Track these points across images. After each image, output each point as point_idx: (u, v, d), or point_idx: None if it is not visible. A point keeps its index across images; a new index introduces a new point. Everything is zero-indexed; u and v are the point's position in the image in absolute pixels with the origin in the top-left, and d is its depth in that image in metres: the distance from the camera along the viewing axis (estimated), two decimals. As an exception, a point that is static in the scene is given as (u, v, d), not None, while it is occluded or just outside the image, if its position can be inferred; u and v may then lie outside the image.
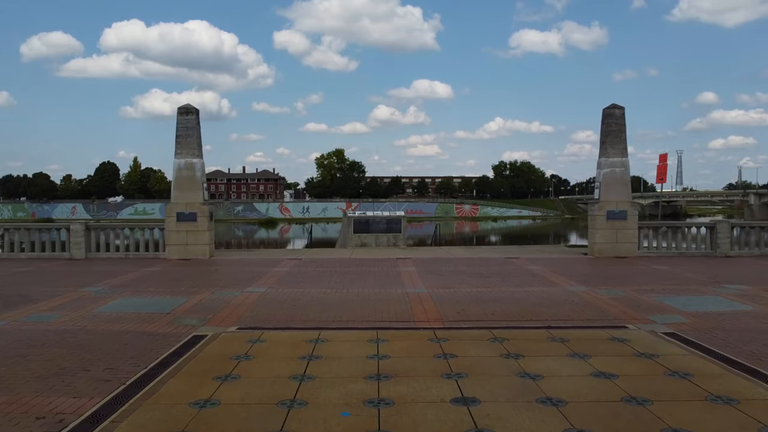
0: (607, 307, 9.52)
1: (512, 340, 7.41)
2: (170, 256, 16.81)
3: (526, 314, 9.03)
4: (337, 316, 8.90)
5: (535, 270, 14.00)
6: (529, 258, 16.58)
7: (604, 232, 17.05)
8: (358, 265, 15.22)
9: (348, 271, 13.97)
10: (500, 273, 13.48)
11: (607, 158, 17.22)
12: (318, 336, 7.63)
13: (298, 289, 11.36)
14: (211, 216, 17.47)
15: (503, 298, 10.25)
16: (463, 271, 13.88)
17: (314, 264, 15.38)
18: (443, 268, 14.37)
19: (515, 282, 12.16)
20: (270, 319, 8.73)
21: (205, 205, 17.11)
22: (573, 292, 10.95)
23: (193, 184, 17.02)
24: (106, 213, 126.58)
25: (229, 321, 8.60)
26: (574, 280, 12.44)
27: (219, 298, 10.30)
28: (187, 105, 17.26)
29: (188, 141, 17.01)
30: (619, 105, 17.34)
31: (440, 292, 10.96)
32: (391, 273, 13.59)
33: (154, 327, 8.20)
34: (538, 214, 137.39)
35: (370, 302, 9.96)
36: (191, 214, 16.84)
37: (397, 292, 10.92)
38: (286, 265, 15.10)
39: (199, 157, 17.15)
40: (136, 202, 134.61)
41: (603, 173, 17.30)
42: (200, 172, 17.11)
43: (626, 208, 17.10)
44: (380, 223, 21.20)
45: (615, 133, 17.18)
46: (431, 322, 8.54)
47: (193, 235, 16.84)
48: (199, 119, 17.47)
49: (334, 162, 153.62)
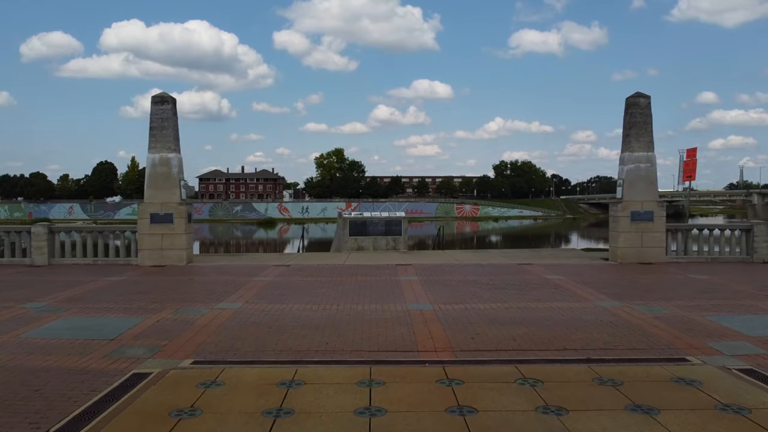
0: (653, 330, 7.75)
1: (547, 382, 5.65)
2: (143, 262, 15.04)
3: (556, 340, 7.26)
4: (322, 344, 7.14)
5: (555, 280, 12.23)
6: (545, 265, 14.80)
7: (628, 236, 15.27)
8: (352, 273, 13.46)
9: (340, 281, 12.21)
10: (516, 283, 11.71)
11: (631, 153, 15.43)
12: (294, 375, 5.87)
13: (279, 304, 9.59)
14: (190, 217, 15.70)
15: (525, 318, 8.47)
16: (472, 281, 12.11)
17: (303, 272, 13.61)
18: (449, 277, 12.60)
19: (535, 295, 10.38)
20: (237, 348, 6.96)
21: (183, 205, 15.33)
22: (606, 309, 9.17)
23: (169, 182, 15.24)
24: (103, 213, 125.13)
25: (185, 351, 6.83)
26: (602, 292, 10.67)
27: (182, 318, 8.53)
28: (162, 93, 15.47)
29: (164, 133, 15.21)
30: (645, 93, 15.58)
31: (448, 309, 9.19)
32: (390, 283, 11.83)
33: (87, 361, 6.43)
34: (539, 214, 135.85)
35: (363, 323, 8.20)
36: (167, 216, 15.06)
37: (396, 309, 9.15)
38: (270, 273, 13.33)
39: (175, 152, 15.36)
40: (134, 201, 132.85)
41: (626, 170, 15.51)
42: (177, 169, 15.33)
43: (653, 208, 15.32)
44: (379, 224, 19.40)
45: (640, 124, 15.40)
46: (439, 353, 6.78)
47: (169, 238, 15.06)
48: (176, 109, 15.69)
49: (333, 162, 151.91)
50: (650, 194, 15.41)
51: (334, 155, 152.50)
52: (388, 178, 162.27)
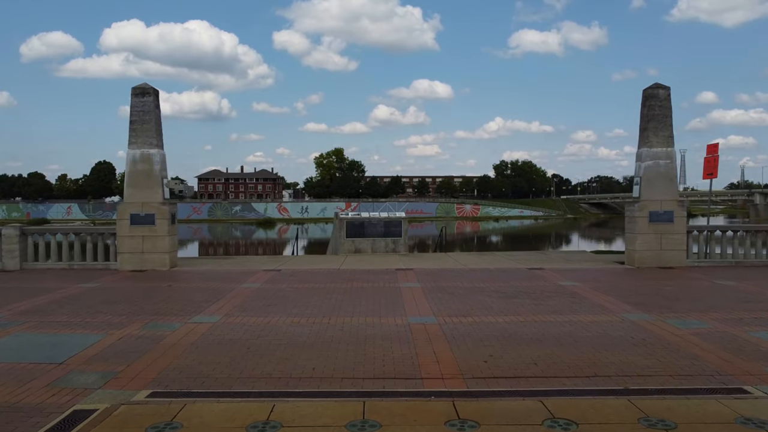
0: (696, 351, 6.65)
1: (582, 424, 4.54)
2: (122, 266, 13.93)
3: (584, 364, 6.15)
4: (308, 369, 6.03)
5: (571, 287, 11.11)
6: (558, 269, 13.69)
7: (646, 237, 14.15)
8: (348, 279, 12.35)
9: (334, 288, 11.10)
10: (529, 291, 10.59)
11: (650, 148, 14.31)
12: (269, 413, 4.77)
13: (263, 317, 8.48)
14: (173, 218, 14.58)
15: (544, 335, 7.37)
16: (480, 288, 11.00)
17: (294, 278, 12.50)
18: (454, 284, 11.49)
19: (552, 306, 9.27)
20: (206, 375, 5.85)
21: (165, 205, 14.22)
22: (634, 323, 8.06)
23: (150, 180, 14.13)
24: (102, 213, 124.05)
25: (143, 378, 5.73)
26: (626, 302, 9.56)
27: (149, 335, 7.42)
28: (143, 85, 14.34)
29: (145, 128, 14.10)
30: (664, 84, 14.45)
31: (455, 322, 8.08)
32: (389, 291, 10.72)
33: (23, 393, 5.33)
34: (540, 214, 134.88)
35: (358, 341, 7.09)
36: (148, 216, 13.95)
37: (396, 324, 8.05)
38: (258, 280, 12.22)
39: (157, 147, 14.24)
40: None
41: (644, 167, 14.38)
42: (159, 165, 14.21)
43: (673, 208, 14.20)
44: (377, 225, 18.28)
45: (659, 118, 14.28)
46: (447, 380, 5.68)
47: (151, 241, 13.95)
48: (158, 102, 14.58)
49: (333, 161, 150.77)
50: (670, 193, 14.30)
51: (334, 155, 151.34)
52: (388, 178, 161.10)
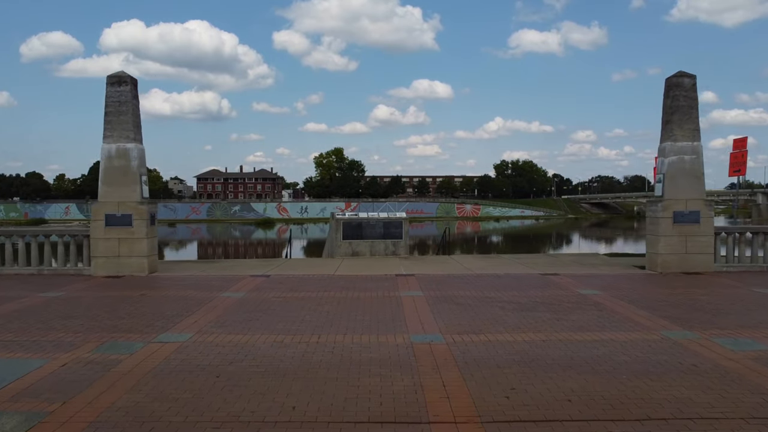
0: (764, 382, 5.43)
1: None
2: (96, 272, 12.71)
3: (630, 401, 4.93)
4: (286, 409, 4.81)
5: (593, 296, 9.89)
6: (573, 275, 12.47)
7: (670, 240, 12.94)
8: (343, 287, 11.13)
9: (327, 298, 9.87)
10: (546, 302, 9.37)
11: (674, 143, 13.08)
12: (228, 482, 3.55)
13: (241, 335, 7.26)
14: (153, 219, 13.35)
15: (574, 359, 6.14)
16: (490, 298, 9.77)
17: (283, 286, 11.28)
18: (461, 293, 10.27)
19: (576, 320, 8.05)
20: (158, 418, 4.64)
21: (144, 204, 13.00)
22: (678, 343, 6.84)
23: (127, 177, 12.91)
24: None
25: (77, 424, 4.51)
26: (661, 315, 8.34)
27: (102, 359, 6.20)
28: (119, 73, 13.10)
29: (121, 120, 12.87)
30: (689, 73, 13.22)
31: (465, 342, 6.86)
32: (389, 302, 9.50)
33: None
34: (541, 214, 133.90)
35: (351, 368, 5.87)
36: (125, 217, 12.73)
37: (396, 344, 6.83)
38: (243, 287, 10.99)
39: (135, 141, 13.01)
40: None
41: (668, 162, 13.16)
42: (137, 161, 12.98)
43: (699, 208, 12.99)
44: (376, 226, 17.05)
45: (684, 109, 13.05)
46: (461, 425, 4.47)
47: (128, 244, 12.73)
48: (136, 92, 13.35)
49: (333, 161, 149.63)
50: (696, 191, 13.08)
51: (334, 155, 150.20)
52: (388, 178, 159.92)
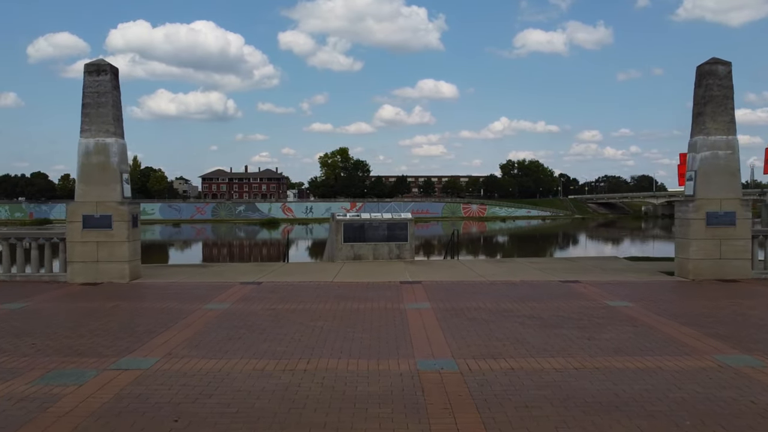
0: None
1: None
2: (73, 278, 11.63)
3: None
4: (256, 471, 3.68)
5: (624, 309, 8.71)
6: (596, 283, 11.29)
7: (703, 244, 11.73)
8: (341, 296, 9.98)
9: (322, 311, 8.73)
10: (572, 316, 8.19)
11: (707, 136, 11.88)
12: None
13: (216, 360, 6.12)
14: (135, 220, 12.26)
15: (620, 396, 4.96)
16: (508, 311, 8.61)
17: (274, 295, 10.14)
18: (474, 304, 9.10)
19: (611, 340, 6.87)
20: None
21: (125, 205, 11.91)
22: (740, 372, 5.65)
23: (106, 175, 11.81)
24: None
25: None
26: (709, 334, 7.14)
27: (41, 393, 5.08)
28: (98, 61, 12.00)
29: (100, 112, 11.77)
30: (723, 59, 12.02)
31: (483, 370, 5.70)
32: (392, 315, 8.35)
33: None
34: (548, 214, 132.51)
35: (343, 408, 4.73)
36: (104, 218, 11.64)
37: (400, 372, 5.68)
38: (230, 297, 9.87)
39: (115, 136, 11.89)
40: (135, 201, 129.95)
41: (700, 158, 11.95)
42: (118, 158, 11.88)
43: (735, 208, 11.78)
44: (380, 228, 15.89)
45: (718, 99, 11.85)
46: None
47: (107, 248, 11.64)
48: (117, 82, 12.25)
49: (338, 161, 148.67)
50: (731, 190, 11.86)
51: (339, 154, 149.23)
52: (393, 178, 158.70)
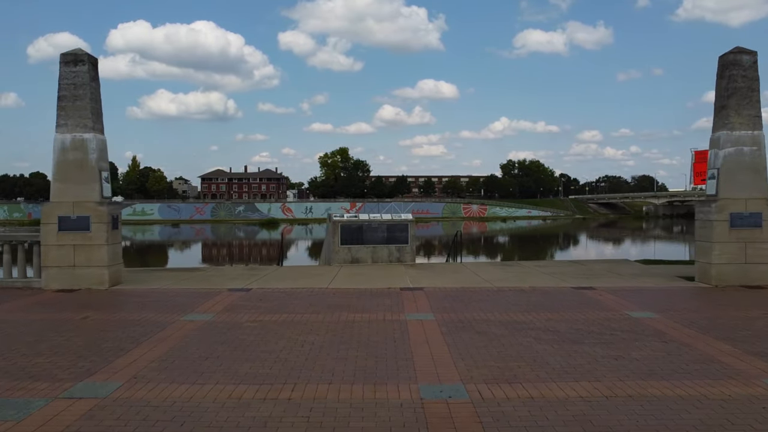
0: None
1: None
2: (48, 284, 10.78)
3: None
4: None
5: (649, 321, 7.86)
6: (612, 289, 10.45)
7: (726, 248, 10.89)
8: (335, 305, 9.13)
9: (314, 323, 7.88)
10: (593, 329, 7.34)
11: (730, 131, 11.04)
12: None
13: (187, 385, 5.27)
14: (115, 222, 11.39)
15: (664, 436, 4.13)
16: (520, 323, 7.75)
17: (263, 304, 9.29)
18: (483, 315, 8.26)
19: (640, 359, 6.02)
20: None
21: (104, 205, 11.05)
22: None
23: (84, 173, 10.96)
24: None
25: None
26: (747, 350, 6.28)
27: (-28, 430, 4.26)
28: (76, 50, 11.13)
29: (77, 105, 10.92)
30: (748, 49, 11.19)
31: (498, 399, 4.86)
32: (391, 328, 7.50)
33: None
34: (549, 215, 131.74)
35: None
36: (81, 220, 10.78)
37: (400, 402, 4.83)
38: (215, 306, 9.02)
39: (94, 131, 11.04)
40: (134, 202, 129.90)
41: (723, 155, 11.11)
42: (96, 154, 11.02)
43: (761, 209, 10.93)
44: (379, 230, 15.05)
45: (743, 91, 11.02)
46: None
47: (85, 251, 10.79)
48: (96, 73, 11.39)
49: (338, 161, 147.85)
50: (757, 189, 11.01)
51: (339, 154, 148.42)
52: (394, 178, 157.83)
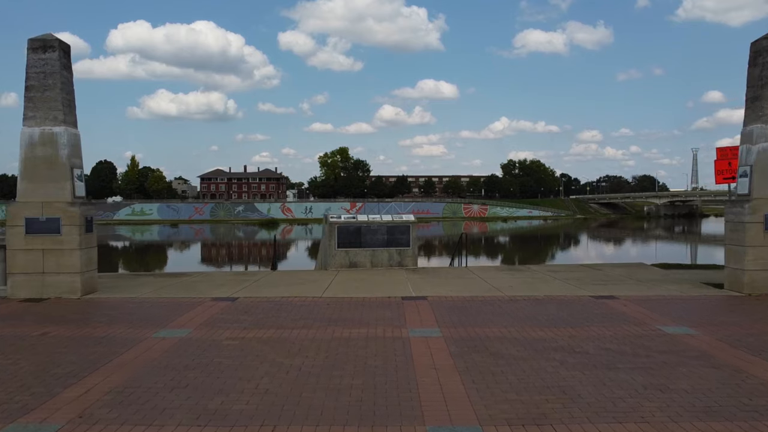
0: None
1: None
2: (15, 293, 9.78)
3: None
4: None
5: (686, 337, 6.86)
6: (637, 299, 9.45)
7: (761, 252, 9.88)
8: (329, 319, 8.12)
9: (303, 339, 6.88)
10: (625, 348, 6.34)
11: (766, 124, 10.05)
12: None
13: (142, 427, 4.29)
14: (89, 224, 10.39)
15: None
16: (541, 341, 6.74)
17: (248, 317, 8.27)
18: (496, 331, 7.25)
19: (692, 391, 5.03)
20: None
21: (76, 206, 10.05)
22: None
23: (54, 170, 9.95)
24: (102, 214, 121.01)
25: None
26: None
27: None
28: (45, 36, 10.12)
29: (47, 96, 9.92)
30: (783, 34, 10.19)
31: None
32: (392, 349, 6.49)
33: None
34: (549, 215, 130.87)
35: None
36: (51, 222, 9.78)
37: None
38: (194, 319, 8.02)
39: (65, 124, 10.02)
40: (134, 202, 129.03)
41: (757, 151, 10.10)
42: (68, 150, 10.00)
43: (798, 209, 9.95)
44: (378, 232, 14.04)
45: (778, 80, 10.03)
46: None
47: (55, 257, 9.79)
48: (68, 62, 10.38)
49: (338, 161, 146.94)
50: (794, 188, 10.04)
51: (339, 154, 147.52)
52: (394, 178, 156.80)
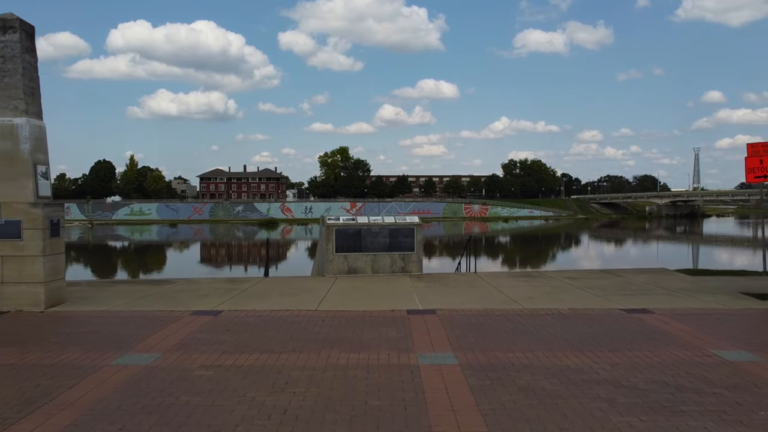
0: None
1: None
2: (-31, 305, 8.68)
3: None
4: None
5: (751, 366, 5.72)
6: (674, 313, 8.32)
7: (812, 259, 8.80)
8: (323, 340, 6.98)
9: (292, 367, 5.73)
10: (681, 381, 5.20)
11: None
12: None
13: None
14: (56, 228, 9.21)
15: None
16: (575, 369, 5.61)
17: (229, 336, 7.12)
18: (521, 356, 6.11)
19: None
20: None
21: (39, 207, 8.89)
22: None
23: (13, 167, 8.80)
24: (101, 213, 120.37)
25: None
26: None
27: None
28: (5, 15, 8.96)
29: (6, 83, 8.75)
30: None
31: None
32: (398, 381, 5.35)
33: None
34: (551, 215, 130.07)
35: None
36: (10, 225, 8.63)
37: None
38: (166, 339, 6.87)
39: (27, 115, 8.86)
40: (133, 201, 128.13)
41: (807, 145, 9.04)
42: (30, 144, 8.85)
43: None
44: (380, 235, 12.89)
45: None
46: None
47: (15, 264, 8.65)
48: (32, 44, 9.24)
49: (338, 160, 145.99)
50: None
51: (339, 154, 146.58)
52: (394, 178, 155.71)
